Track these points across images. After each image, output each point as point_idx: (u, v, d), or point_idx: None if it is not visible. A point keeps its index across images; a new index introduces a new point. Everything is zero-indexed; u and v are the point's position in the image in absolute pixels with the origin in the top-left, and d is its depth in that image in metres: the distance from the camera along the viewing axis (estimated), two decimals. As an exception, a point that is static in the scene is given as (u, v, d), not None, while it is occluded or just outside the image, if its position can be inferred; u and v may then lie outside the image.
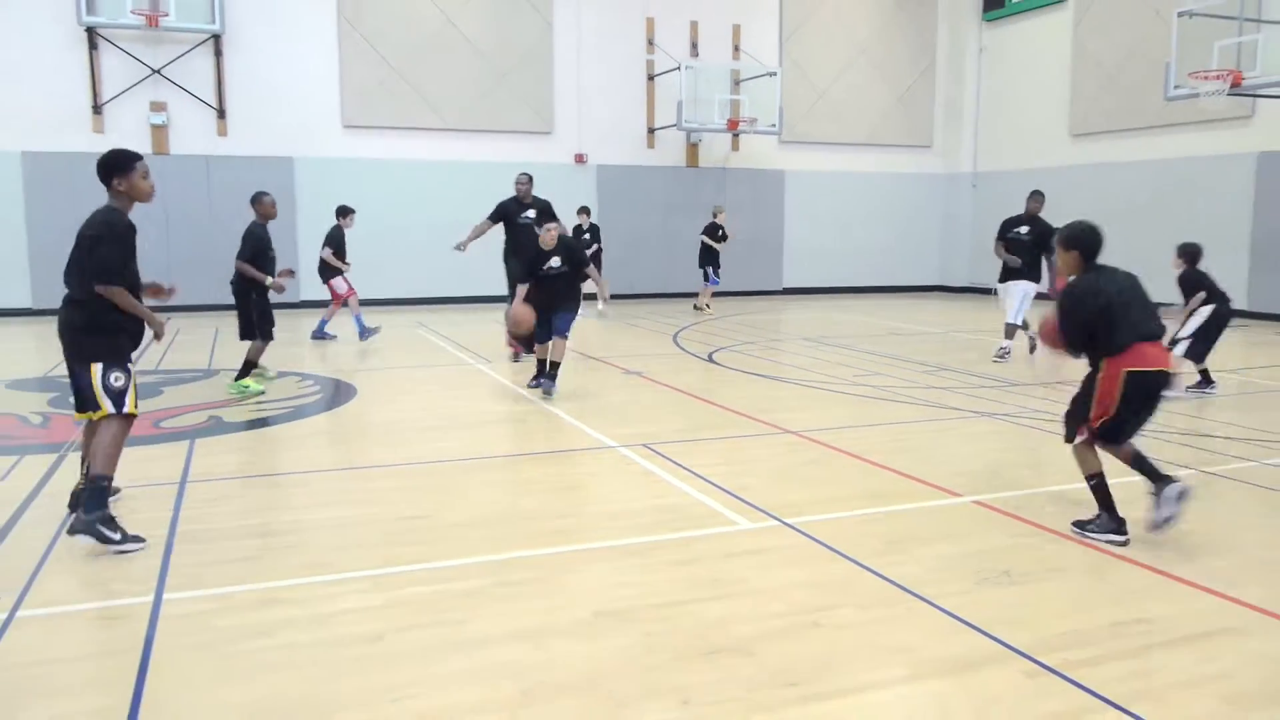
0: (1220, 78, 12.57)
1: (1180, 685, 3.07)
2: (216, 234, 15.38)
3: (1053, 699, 2.97)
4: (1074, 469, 4.62)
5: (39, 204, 14.57)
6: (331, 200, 12.95)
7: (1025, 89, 18.69)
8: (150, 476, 5.60)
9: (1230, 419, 7.30)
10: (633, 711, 2.90)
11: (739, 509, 4.91)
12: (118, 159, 4.58)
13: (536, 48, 17.20)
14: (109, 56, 14.90)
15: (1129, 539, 4.36)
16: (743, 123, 17.63)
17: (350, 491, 5.46)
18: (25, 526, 4.70)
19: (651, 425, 7.02)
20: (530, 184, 10.28)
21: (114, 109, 15.01)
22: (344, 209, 12.04)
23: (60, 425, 7.00)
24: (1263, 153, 14.38)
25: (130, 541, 4.29)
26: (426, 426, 7.10)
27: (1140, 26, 16.07)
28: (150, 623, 3.51)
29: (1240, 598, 3.77)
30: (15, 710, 2.92)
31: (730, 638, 3.40)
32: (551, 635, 3.42)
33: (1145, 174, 16.15)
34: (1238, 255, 14.71)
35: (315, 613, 3.62)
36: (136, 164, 4.60)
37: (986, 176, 19.60)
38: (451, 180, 16.54)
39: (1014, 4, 18.81)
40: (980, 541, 4.48)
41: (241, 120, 15.66)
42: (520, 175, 10.30)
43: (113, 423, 4.43)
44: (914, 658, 3.25)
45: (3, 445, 6.42)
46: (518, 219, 10.05)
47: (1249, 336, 12.66)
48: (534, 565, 4.14)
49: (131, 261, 4.55)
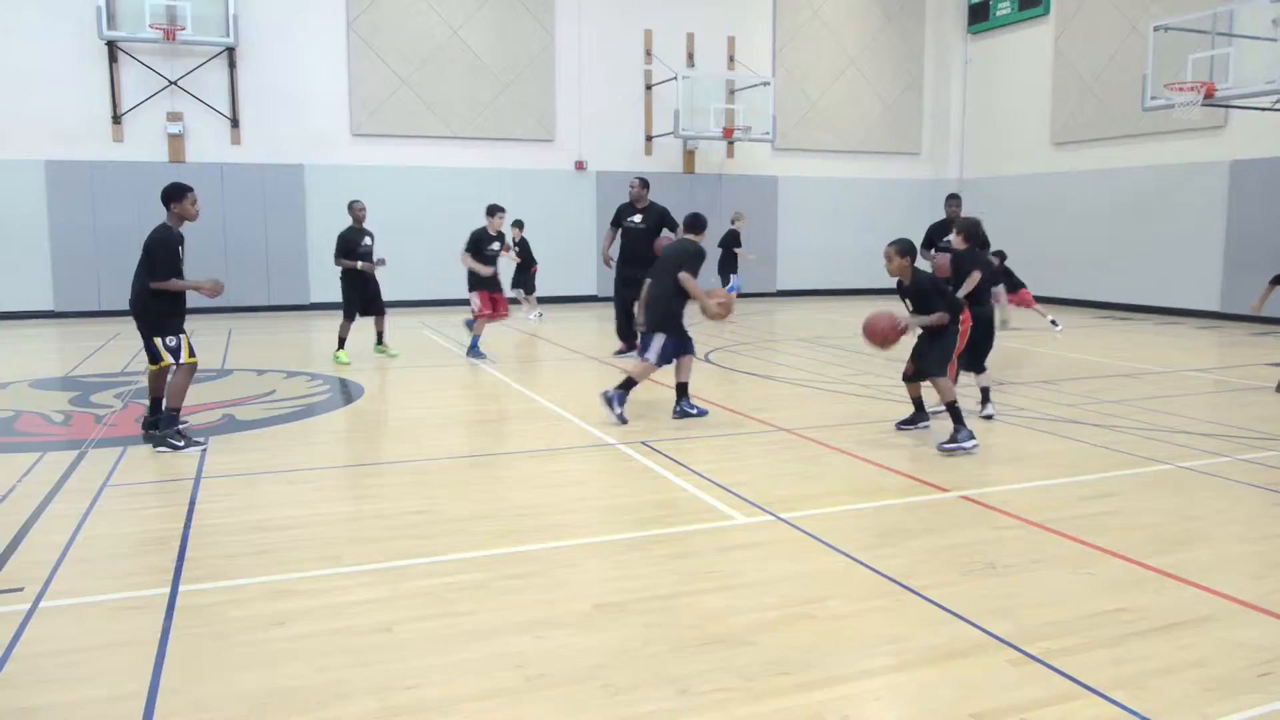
0: (1195, 89, 12.82)
1: (1159, 673, 3.13)
2: (230, 239, 15.58)
3: (1036, 686, 3.04)
4: (1056, 464, 4.73)
5: (61, 210, 14.83)
6: (342, 206, 13.12)
7: (1009, 99, 18.93)
8: (166, 473, 5.70)
9: (1205, 415, 7.43)
10: (632, 700, 2.95)
11: (734, 504, 5.01)
12: (174, 190, 6.33)
13: (539, 59, 17.38)
14: (128, 69, 15.12)
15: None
16: (737, 130, 17.78)
17: (359, 487, 5.56)
18: (48, 520, 4.78)
19: (649, 423, 7.12)
20: (642, 188, 10.32)
21: (133, 119, 15.19)
22: (494, 207, 10.46)
23: (81, 423, 7.11)
24: (1235, 160, 14.66)
25: (191, 446, 6.20)
26: (432, 424, 7.20)
27: (1118, 40, 16.34)
28: (167, 614, 3.58)
29: (1216, 588, 3.86)
30: (38, 698, 2.98)
31: (726, 629, 3.47)
32: (553, 627, 3.49)
33: (1123, 180, 16.41)
34: (1211, 258, 15.03)
35: (326, 604, 3.69)
36: (188, 194, 6.35)
37: (972, 183, 19.82)
38: (456, 186, 16.74)
39: (998, 17, 19.03)
40: (966, 534, 4.57)
41: (254, 129, 15.84)
42: (633, 180, 10.46)
43: (179, 370, 6.32)
44: (903, 647, 3.33)
45: (26, 442, 6.52)
46: (625, 223, 10.21)
47: (1222, 337, 12.83)
48: (536, 559, 4.22)
49: (178, 262, 6.30)
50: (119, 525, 4.75)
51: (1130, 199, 16.28)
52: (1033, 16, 18.16)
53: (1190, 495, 5.28)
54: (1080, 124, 17.25)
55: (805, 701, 2.95)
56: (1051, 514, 4.84)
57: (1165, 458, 6.05)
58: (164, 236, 6.24)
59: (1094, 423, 7.12)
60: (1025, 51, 18.46)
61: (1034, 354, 11.30)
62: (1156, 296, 15.96)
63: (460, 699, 2.97)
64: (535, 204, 17.42)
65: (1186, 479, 5.60)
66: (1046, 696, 2.98)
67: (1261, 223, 14.21)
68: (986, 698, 2.98)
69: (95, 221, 14.93)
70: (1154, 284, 15.94)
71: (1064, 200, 17.52)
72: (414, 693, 3.00)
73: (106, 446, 6.35)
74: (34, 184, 14.71)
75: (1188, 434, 6.78)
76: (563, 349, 11.63)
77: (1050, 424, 7.12)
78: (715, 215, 18.29)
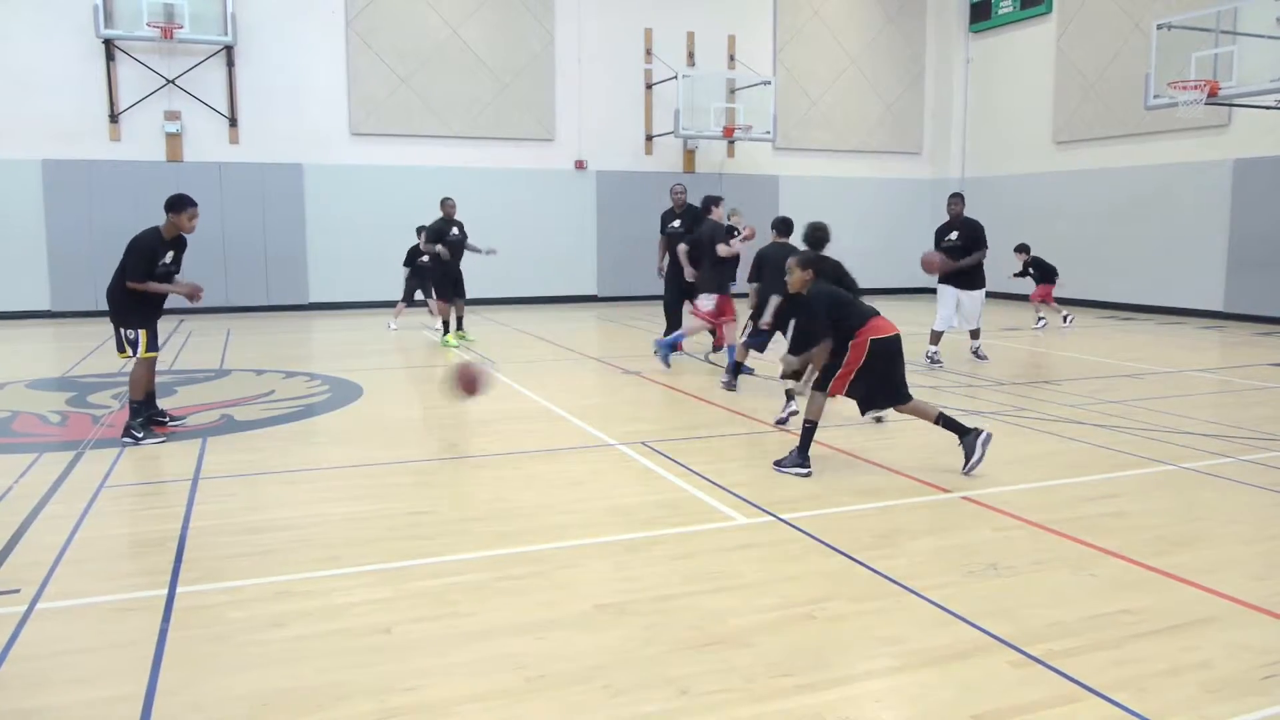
0: (1198, 87, 12.78)
1: (1161, 674, 3.12)
2: (228, 238, 15.59)
3: (1037, 688, 3.03)
4: (1057, 465, 4.72)
5: (58, 210, 14.84)
6: (339, 206, 13.14)
7: (1010, 98, 18.90)
8: (164, 473, 5.70)
9: (1208, 416, 7.41)
10: (632, 701, 2.95)
11: (735, 505, 5.00)
12: (175, 201, 6.52)
13: (539, 58, 17.36)
14: (125, 67, 15.11)
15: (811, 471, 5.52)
16: (738, 130, 17.76)
17: (358, 488, 5.55)
18: (45, 521, 4.78)
19: (650, 424, 7.12)
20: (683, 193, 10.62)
21: (130, 118, 15.19)
22: (713, 199, 9.85)
23: (78, 423, 7.10)
24: (1238, 159, 14.62)
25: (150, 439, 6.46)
26: (431, 424, 7.19)
27: (1121, 38, 16.31)
28: (165, 615, 3.58)
29: (1219, 589, 3.85)
30: (35, 700, 2.98)
31: (727, 629, 3.46)
32: (554, 627, 3.48)
33: (1126, 180, 16.38)
34: (1214, 258, 15.00)
35: (326, 605, 3.69)
36: (187, 209, 6.53)
37: (974, 182, 19.81)
38: (456, 186, 16.59)
39: (999, 16, 19.00)
40: (968, 535, 4.57)
41: (252, 128, 15.84)
42: (675, 185, 10.72)
43: (137, 363, 6.58)
44: (904, 648, 3.32)
45: (23, 443, 6.52)
46: (666, 228, 10.25)
47: (1225, 337, 12.81)
48: (536, 560, 4.21)
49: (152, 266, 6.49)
50: (116, 526, 4.75)
51: (1132, 198, 16.26)
52: (1034, 15, 18.14)
53: (1193, 496, 5.27)
54: (1082, 123, 17.23)
55: (806, 703, 2.95)
56: (1053, 515, 4.83)
57: (1168, 458, 6.04)
58: (143, 240, 6.48)
59: (1096, 423, 7.11)
60: (1027, 50, 18.44)
61: (1034, 354, 11.29)
62: (1159, 296, 15.93)
63: (460, 700, 2.96)
64: (535, 204, 17.44)
65: (1189, 480, 5.59)
66: (1048, 698, 2.97)
67: (1265, 222, 14.18)
68: (987, 699, 2.97)
69: (92, 221, 14.92)
70: (1156, 284, 15.93)
71: (1066, 200, 17.51)
72: (414, 694, 2.99)
73: (104, 447, 6.34)
74: (31, 183, 14.70)
75: (1190, 434, 6.77)
76: (563, 349, 11.62)
77: (1052, 424, 7.10)
78: (715, 215, 18.36)
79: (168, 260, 6.70)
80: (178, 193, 6.59)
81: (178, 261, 6.78)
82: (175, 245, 6.66)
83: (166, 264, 6.73)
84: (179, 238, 6.68)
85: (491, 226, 16.72)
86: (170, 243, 6.60)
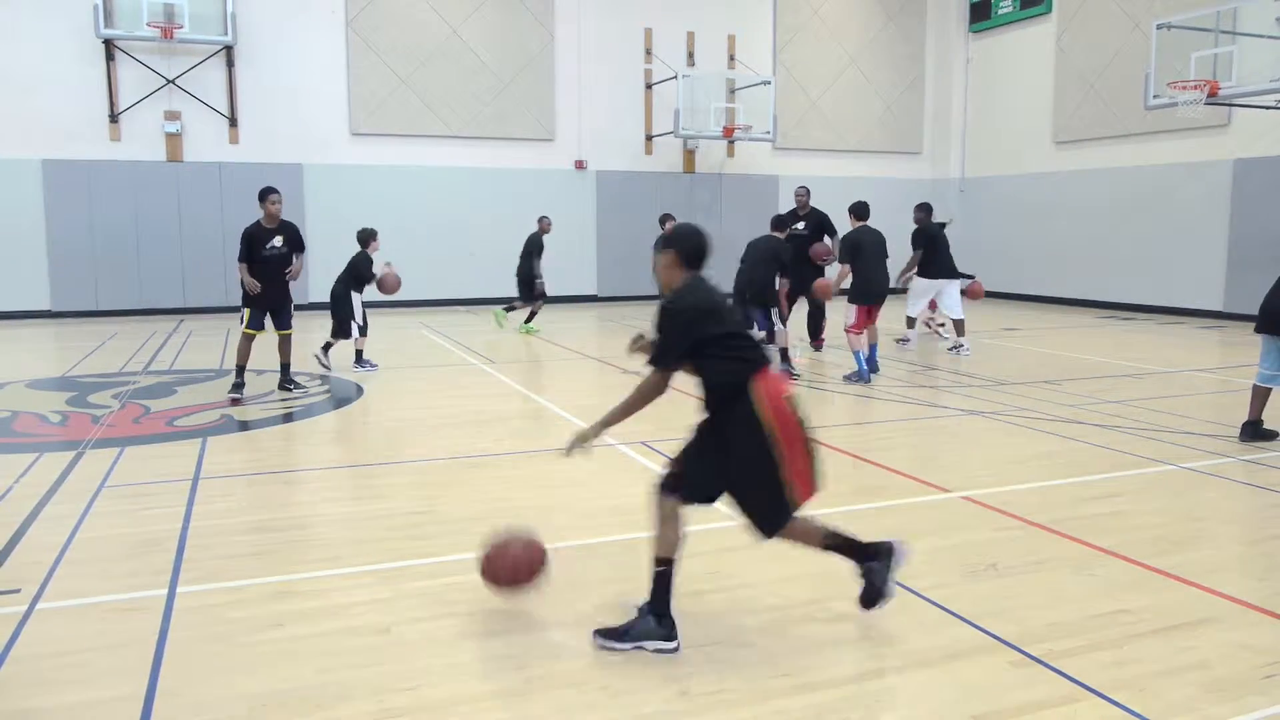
0: (1198, 87, 12.78)
1: (1160, 674, 3.13)
2: (228, 238, 15.55)
3: (1037, 688, 3.04)
4: (1057, 465, 4.72)
5: (58, 210, 14.80)
6: (341, 206, 13.13)
7: (1010, 98, 18.89)
8: (164, 473, 5.69)
9: (1208, 416, 7.42)
10: (632, 701, 2.95)
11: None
12: (260, 193, 7.81)
13: (539, 58, 17.36)
14: (125, 67, 15.08)
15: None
16: (738, 130, 17.75)
17: (358, 488, 5.55)
18: (45, 521, 4.78)
19: (650, 424, 7.08)
20: (807, 195, 10.91)
21: (130, 118, 15.16)
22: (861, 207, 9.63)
23: (78, 423, 7.10)
24: (1238, 159, 14.63)
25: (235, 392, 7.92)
26: (431, 425, 7.19)
27: (1120, 38, 16.30)
28: (165, 615, 3.58)
29: (1218, 589, 3.85)
30: (35, 700, 2.98)
31: (727, 630, 3.47)
32: (554, 628, 3.49)
33: (1126, 180, 16.38)
34: (1214, 258, 15.00)
35: (326, 605, 3.69)
36: (268, 196, 7.77)
37: (974, 182, 19.81)
38: (456, 185, 16.75)
39: (999, 16, 18.99)
40: (968, 535, 4.57)
41: (252, 128, 15.82)
42: (799, 187, 11.23)
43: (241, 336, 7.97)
44: (905, 648, 3.33)
45: (23, 443, 6.53)
46: (789, 228, 10.36)
47: (1225, 337, 12.80)
48: (536, 560, 4.23)
49: (253, 251, 7.72)
50: (117, 526, 4.74)
51: (1132, 198, 16.24)
52: (1034, 15, 18.13)
53: (1193, 496, 5.27)
54: (1082, 123, 17.22)
55: (806, 703, 2.95)
56: (1053, 515, 4.83)
57: (1168, 458, 6.04)
58: (246, 229, 7.81)
59: (1096, 423, 7.11)
60: (1027, 50, 18.42)
61: (1035, 354, 11.29)
62: (1159, 296, 15.93)
63: (460, 700, 2.97)
64: (535, 203, 17.41)
65: (1189, 480, 5.59)
66: (1048, 698, 2.98)
67: (1265, 222, 14.16)
68: (987, 699, 2.98)
69: (92, 221, 14.90)
70: (1156, 283, 15.92)
71: (1066, 200, 17.50)
72: (414, 694, 3.00)
73: (104, 447, 6.34)
74: (31, 183, 14.66)
75: (1190, 434, 6.77)
76: (562, 349, 11.62)
77: (1052, 424, 7.10)
78: (716, 215, 18.35)
79: (277, 244, 7.78)
80: (265, 186, 7.88)
81: (289, 246, 7.86)
82: (280, 232, 7.80)
83: (277, 247, 7.81)
84: (283, 224, 7.79)
85: (491, 226, 16.79)
86: (273, 230, 7.77)
